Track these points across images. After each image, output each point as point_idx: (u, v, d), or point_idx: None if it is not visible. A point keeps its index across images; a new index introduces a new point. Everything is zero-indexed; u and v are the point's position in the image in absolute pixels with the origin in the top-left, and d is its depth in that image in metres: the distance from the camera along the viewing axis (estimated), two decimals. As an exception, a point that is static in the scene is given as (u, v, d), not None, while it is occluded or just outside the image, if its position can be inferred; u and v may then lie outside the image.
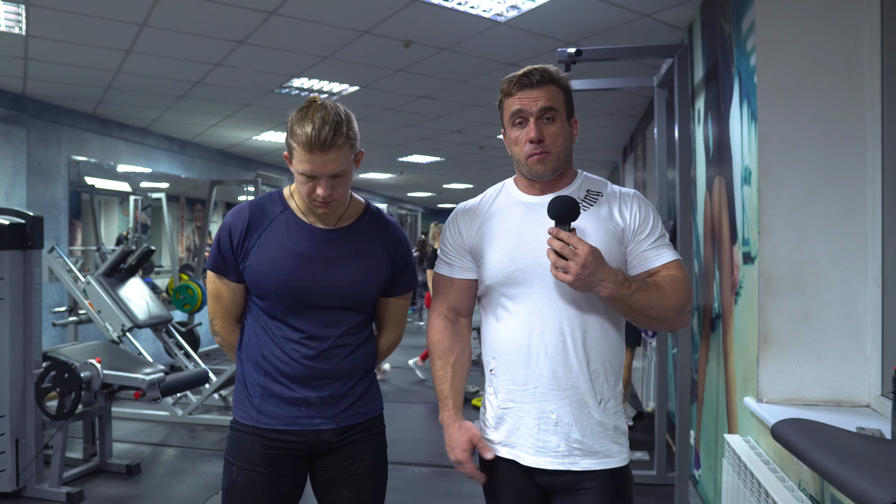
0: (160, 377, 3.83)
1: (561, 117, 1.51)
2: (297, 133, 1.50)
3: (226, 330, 1.72)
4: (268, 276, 1.58)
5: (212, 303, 1.70)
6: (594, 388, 1.47)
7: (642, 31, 3.92)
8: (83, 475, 3.84)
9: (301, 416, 1.61)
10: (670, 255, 1.51)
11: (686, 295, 1.46)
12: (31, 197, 5.78)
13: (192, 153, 8.35)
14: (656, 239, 1.51)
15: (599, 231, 1.49)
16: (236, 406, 1.66)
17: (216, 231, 1.67)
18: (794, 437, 1.68)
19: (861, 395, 2.15)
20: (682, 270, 1.50)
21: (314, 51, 4.44)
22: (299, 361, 1.60)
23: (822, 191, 2.21)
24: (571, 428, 1.46)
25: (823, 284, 2.20)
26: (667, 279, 1.46)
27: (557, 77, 1.52)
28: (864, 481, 1.30)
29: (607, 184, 1.60)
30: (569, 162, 1.56)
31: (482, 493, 1.62)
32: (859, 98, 2.17)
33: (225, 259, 1.63)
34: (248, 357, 1.66)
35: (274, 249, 1.60)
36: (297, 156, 1.52)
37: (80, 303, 5.19)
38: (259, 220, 1.63)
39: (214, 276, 1.66)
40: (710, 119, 3.20)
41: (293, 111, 1.55)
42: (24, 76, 5.11)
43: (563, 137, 1.51)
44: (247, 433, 1.62)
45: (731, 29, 2.72)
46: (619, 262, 1.48)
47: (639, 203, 1.54)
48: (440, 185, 14.13)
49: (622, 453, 1.50)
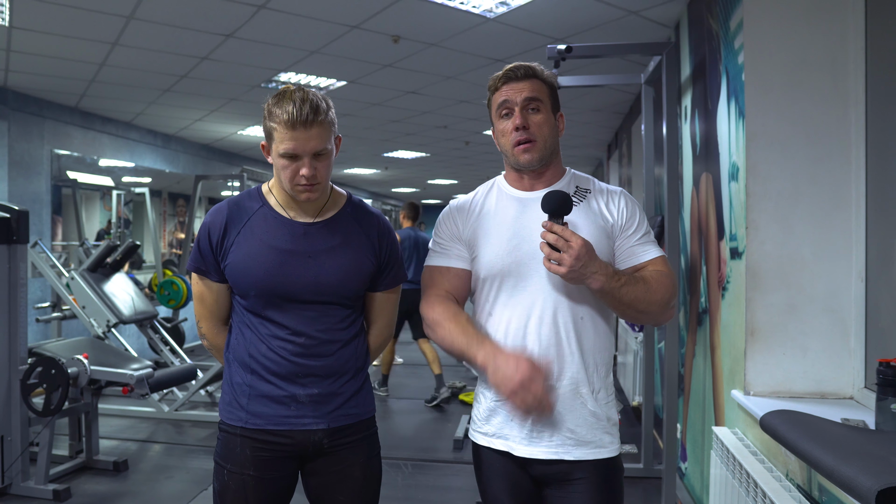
0: (149, 373, 3.81)
1: (546, 109, 1.55)
2: (278, 113, 1.48)
3: (212, 332, 1.70)
4: (247, 273, 1.57)
5: (196, 305, 1.69)
6: (588, 379, 1.51)
7: (630, 28, 3.95)
8: (70, 472, 3.81)
9: (290, 416, 1.58)
10: (656, 252, 1.56)
11: (671, 290, 1.51)
12: (13, 191, 5.70)
13: (177, 147, 8.28)
14: (642, 235, 1.56)
15: (590, 226, 1.52)
16: (223, 407, 1.64)
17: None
18: (782, 427, 1.72)
19: (845, 387, 2.20)
20: (667, 266, 1.55)
21: (302, 45, 4.42)
22: (286, 358, 1.58)
23: (808, 187, 2.26)
24: (564, 418, 1.49)
25: (809, 279, 2.25)
26: (654, 274, 1.51)
27: (542, 73, 1.57)
28: (852, 469, 1.34)
29: (594, 181, 1.64)
30: (555, 154, 1.59)
31: (473, 486, 1.64)
32: (844, 96, 2.22)
33: (205, 259, 1.62)
34: (235, 357, 1.64)
35: (253, 246, 1.58)
36: (278, 136, 1.49)
37: (65, 298, 5.14)
38: (237, 217, 1.61)
39: (197, 278, 1.65)
40: (697, 116, 3.24)
41: (269, 98, 1.54)
42: (5, 68, 5.03)
43: (549, 128, 1.55)
44: (236, 435, 1.60)
45: (719, 27, 2.76)
46: (607, 256, 1.52)
47: (625, 200, 1.59)
48: (425, 181, 14.13)
49: (614, 444, 1.53)
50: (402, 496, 3.61)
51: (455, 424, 4.88)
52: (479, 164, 10.80)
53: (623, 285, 1.43)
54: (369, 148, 9.05)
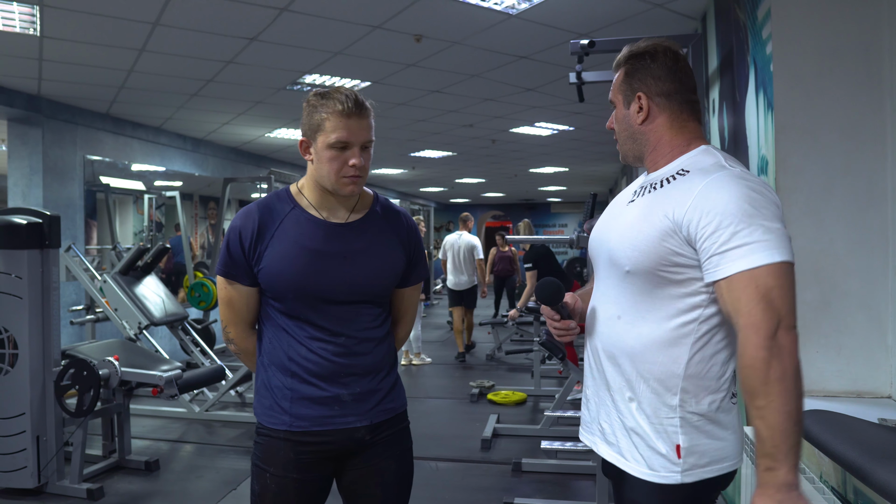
0: (177, 374, 3.86)
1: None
2: (329, 104, 1.52)
3: (240, 336, 1.68)
4: (284, 276, 1.56)
5: (224, 310, 1.66)
6: (620, 385, 1.36)
7: (656, 21, 3.88)
8: (103, 471, 3.88)
9: (334, 416, 1.59)
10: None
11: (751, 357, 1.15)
12: (48, 197, 5.84)
13: (206, 151, 8.39)
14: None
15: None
16: (263, 412, 1.62)
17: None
18: (815, 428, 1.66)
19: (882, 385, 2.13)
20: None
21: (326, 46, 4.44)
22: (327, 359, 1.58)
23: (841, 179, 2.19)
24: (598, 411, 1.43)
25: (842, 274, 2.18)
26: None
27: None
28: (888, 473, 1.28)
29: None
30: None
31: (500, 486, 1.61)
32: (878, 85, 2.15)
33: (236, 263, 1.59)
34: (272, 361, 1.62)
35: (288, 248, 1.57)
36: (330, 125, 1.51)
37: (98, 301, 5.24)
38: (269, 219, 1.59)
39: (225, 282, 1.61)
40: (726, 109, 3.17)
41: (309, 97, 1.57)
42: (38, 77, 5.15)
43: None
44: (279, 438, 1.59)
45: (746, 18, 2.69)
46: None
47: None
48: (453, 180, 14.11)
49: (640, 463, 1.31)
50: (429, 496, 3.60)
51: (483, 424, 4.85)
52: (506, 162, 10.75)
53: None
54: (396, 148, 9.07)
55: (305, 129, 1.57)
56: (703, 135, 1.40)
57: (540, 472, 3.88)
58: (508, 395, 5.70)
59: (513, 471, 3.90)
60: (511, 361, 7.54)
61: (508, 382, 6.39)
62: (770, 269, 1.16)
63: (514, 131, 7.81)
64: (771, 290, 1.14)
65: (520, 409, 5.50)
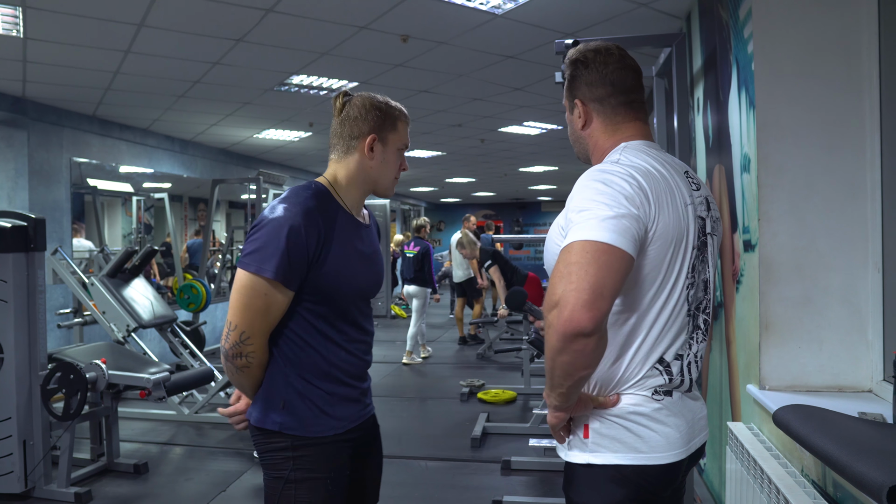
0: (165, 376, 3.84)
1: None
2: (394, 111, 1.61)
3: (261, 348, 1.53)
4: (347, 279, 1.55)
5: (254, 319, 1.47)
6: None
7: (640, 20, 3.90)
8: (91, 475, 3.86)
9: (361, 409, 1.68)
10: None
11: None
12: (34, 199, 5.80)
13: (194, 152, 8.36)
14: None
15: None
16: (299, 425, 1.55)
17: (261, 234, 1.45)
18: (795, 423, 1.68)
19: (863, 380, 2.15)
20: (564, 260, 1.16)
21: (312, 47, 4.44)
22: (361, 358, 1.66)
23: (822, 176, 2.20)
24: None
25: (824, 270, 2.20)
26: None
27: None
28: (863, 465, 1.30)
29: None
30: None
31: (490, 484, 1.62)
32: (858, 83, 2.17)
33: (295, 268, 1.46)
34: (307, 370, 1.56)
35: (346, 251, 1.56)
36: (402, 128, 1.63)
37: (85, 304, 5.21)
38: (328, 222, 1.53)
39: (269, 288, 1.45)
40: (710, 107, 3.19)
41: (374, 100, 1.60)
42: (23, 79, 5.11)
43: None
44: (330, 444, 1.58)
45: (729, 17, 2.71)
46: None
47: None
48: (442, 180, 14.11)
49: (565, 447, 1.36)
50: (419, 495, 3.61)
51: (473, 423, 4.86)
52: (495, 162, 10.77)
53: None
54: (385, 148, 9.06)
55: (376, 128, 1.59)
56: (638, 134, 1.41)
57: (529, 470, 3.90)
58: (498, 393, 5.71)
59: (502, 469, 3.91)
60: (501, 360, 7.56)
61: (498, 381, 6.40)
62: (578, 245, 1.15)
63: (502, 130, 7.83)
64: (570, 265, 1.14)
65: (510, 408, 5.52)
